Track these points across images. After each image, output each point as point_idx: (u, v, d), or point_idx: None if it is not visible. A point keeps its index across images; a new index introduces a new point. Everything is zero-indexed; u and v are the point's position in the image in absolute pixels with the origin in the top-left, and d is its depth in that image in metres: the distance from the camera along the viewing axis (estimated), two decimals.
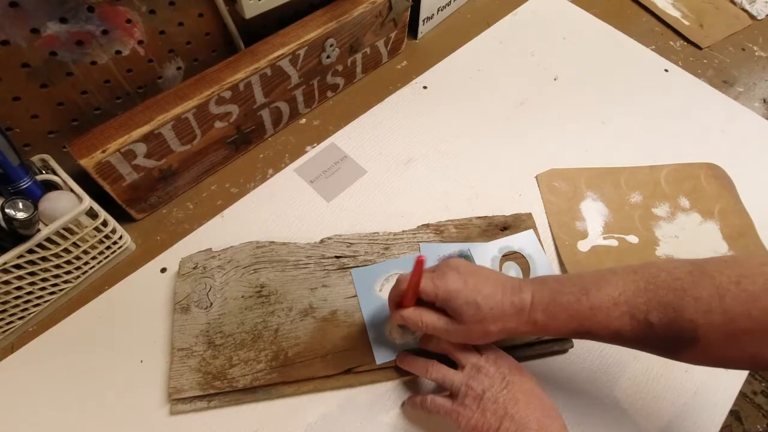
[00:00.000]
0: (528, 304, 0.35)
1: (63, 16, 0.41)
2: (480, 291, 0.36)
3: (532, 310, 0.35)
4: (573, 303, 0.34)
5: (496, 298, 0.35)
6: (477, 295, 0.35)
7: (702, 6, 0.80)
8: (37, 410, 0.42)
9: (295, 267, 0.48)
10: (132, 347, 0.45)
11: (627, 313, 0.32)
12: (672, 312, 0.31)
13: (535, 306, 0.35)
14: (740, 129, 0.64)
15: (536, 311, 0.35)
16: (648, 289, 0.32)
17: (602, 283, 0.34)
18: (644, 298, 0.32)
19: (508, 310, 0.35)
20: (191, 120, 0.48)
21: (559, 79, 0.68)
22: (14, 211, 0.36)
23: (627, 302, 0.33)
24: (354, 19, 0.56)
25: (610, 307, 0.33)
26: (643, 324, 0.32)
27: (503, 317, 0.35)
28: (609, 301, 0.33)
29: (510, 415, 0.34)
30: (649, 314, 0.32)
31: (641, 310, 0.32)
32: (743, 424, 1.10)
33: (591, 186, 0.57)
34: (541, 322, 0.35)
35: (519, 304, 0.35)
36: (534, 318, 0.35)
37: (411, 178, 0.57)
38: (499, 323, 0.35)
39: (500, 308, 0.35)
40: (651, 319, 0.32)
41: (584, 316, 0.34)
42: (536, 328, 0.35)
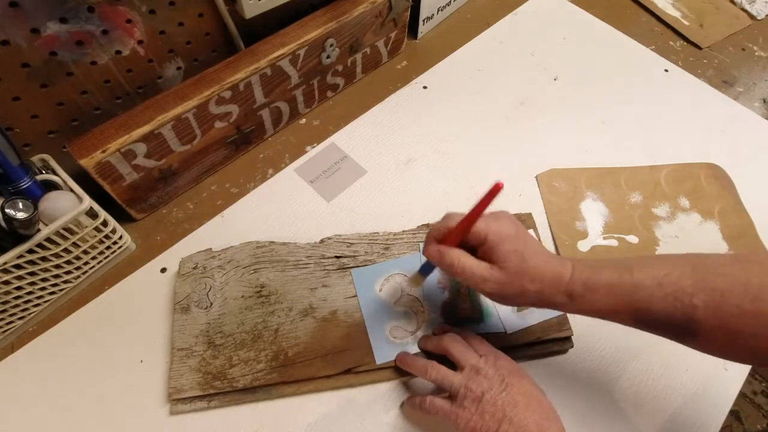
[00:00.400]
0: (568, 274, 0.34)
1: (63, 16, 0.41)
2: (527, 245, 0.35)
3: (571, 281, 0.34)
4: (615, 278, 0.33)
5: (541, 258, 0.35)
6: (525, 248, 0.35)
7: (702, 6, 0.80)
8: (37, 410, 0.42)
9: (295, 267, 0.48)
10: (132, 347, 0.45)
11: (671, 294, 0.31)
12: (719, 296, 0.30)
13: (575, 277, 0.34)
14: (740, 129, 0.64)
15: (575, 282, 0.34)
16: (695, 273, 0.31)
17: (646, 263, 0.33)
18: (690, 281, 0.31)
19: (549, 274, 0.34)
20: (191, 120, 0.48)
21: (559, 79, 0.68)
22: (14, 211, 0.36)
23: (672, 283, 0.31)
24: (354, 19, 0.56)
25: (654, 287, 0.32)
26: (687, 307, 0.31)
27: (543, 279, 0.34)
28: (653, 280, 0.32)
29: (509, 417, 0.34)
30: (695, 297, 0.30)
31: (686, 292, 0.31)
32: (743, 424, 1.10)
33: (591, 186, 0.57)
34: (578, 293, 0.34)
35: (560, 271, 0.34)
36: (571, 289, 0.34)
37: (411, 178, 0.57)
38: (538, 284, 0.34)
39: (543, 269, 0.34)
40: (696, 301, 0.30)
41: (624, 292, 0.33)
42: (572, 300, 0.34)
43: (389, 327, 0.45)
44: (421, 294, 0.47)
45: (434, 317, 0.46)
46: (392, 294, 0.47)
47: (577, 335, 0.46)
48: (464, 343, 0.40)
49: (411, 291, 0.45)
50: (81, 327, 0.46)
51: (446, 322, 0.46)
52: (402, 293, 0.47)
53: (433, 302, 0.47)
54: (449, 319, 0.46)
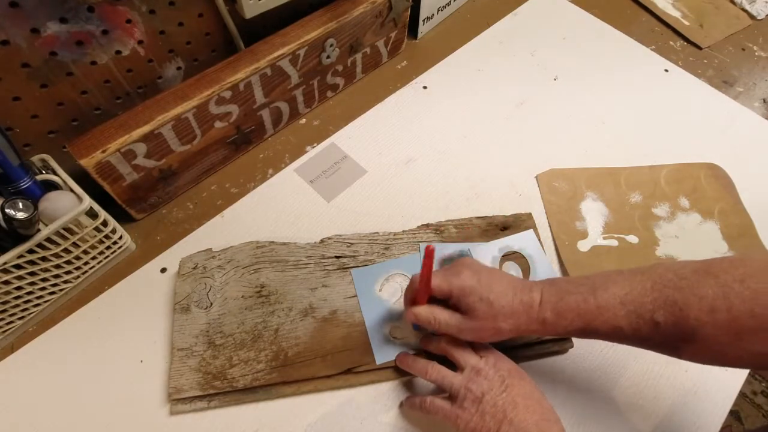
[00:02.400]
0: (537, 302, 0.36)
1: (63, 16, 0.41)
2: (492, 289, 0.37)
3: (541, 309, 0.36)
4: (580, 302, 0.35)
5: (507, 296, 0.37)
6: (490, 293, 0.37)
7: (702, 6, 0.80)
8: (37, 410, 0.42)
9: (295, 267, 0.48)
10: (132, 347, 0.45)
11: (633, 312, 0.33)
12: (678, 311, 0.31)
13: (544, 305, 0.36)
14: (740, 129, 0.64)
15: (545, 310, 0.36)
16: (654, 289, 0.33)
17: (609, 283, 0.35)
18: (650, 297, 0.32)
19: (518, 308, 0.36)
20: (191, 120, 0.48)
21: (559, 79, 0.68)
22: (14, 211, 0.36)
23: (633, 301, 0.33)
24: (354, 19, 0.56)
25: (617, 306, 0.33)
26: (650, 323, 0.32)
27: (514, 315, 0.36)
28: (616, 300, 0.34)
29: (509, 418, 0.34)
30: (655, 313, 0.32)
31: (647, 309, 0.32)
32: (743, 424, 1.10)
33: (591, 186, 0.57)
34: (549, 320, 0.36)
35: (529, 302, 0.36)
36: (543, 316, 0.36)
37: (411, 178, 0.57)
38: (511, 321, 0.36)
39: (511, 306, 0.36)
40: (657, 318, 0.32)
41: (591, 315, 0.34)
42: (545, 326, 0.36)
43: (389, 327, 0.45)
44: None
45: None
46: (392, 294, 0.47)
47: None
48: (465, 344, 0.40)
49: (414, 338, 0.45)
50: (81, 327, 0.46)
51: None
52: (402, 293, 0.47)
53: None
54: None
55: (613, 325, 0.34)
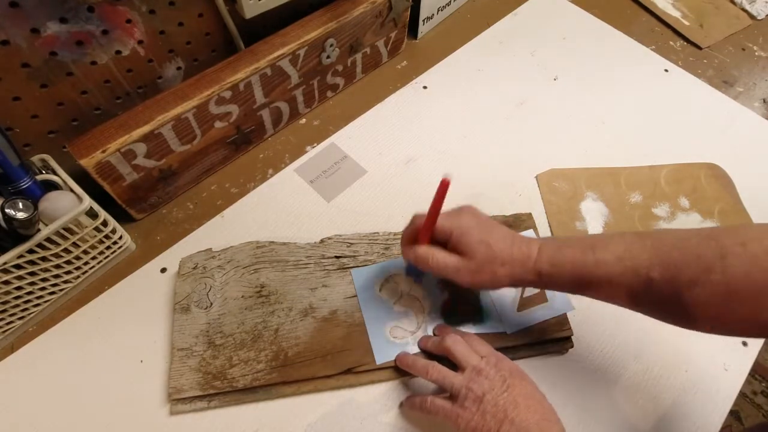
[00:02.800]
0: (535, 254, 0.37)
1: (63, 16, 0.41)
2: (492, 233, 0.38)
3: (538, 260, 0.37)
4: (578, 255, 0.35)
5: (506, 242, 0.37)
6: (489, 236, 0.37)
7: (702, 6, 0.80)
8: (37, 410, 0.42)
9: (295, 267, 0.48)
10: (132, 347, 0.45)
11: (630, 268, 0.33)
12: (673, 268, 0.31)
13: (542, 256, 0.37)
14: (740, 129, 0.64)
15: (542, 261, 0.36)
16: (653, 247, 0.33)
17: (609, 241, 0.35)
18: (648, 255, 0.33)
19: (516, 256, 0.37)
20: (191, 120, 0.48)
21: (559, 79, 0.68)
22: (14, 211, 0.36)
23: (631, 258, 0.33)
24: (354, 19, 0.56)
25: (614, 262, 0.34)
26: (644, 279, 0.32)
27: (511, 262, 0.37)
28: (613, 256, 0.34)
29: (510, 418, 0.34)
30: (651, 270, 0.32)
31: (644, 266, 0.32)
32: (743, 424, 1.10)
33: (591, 186, 0.57)
34: (545, 271, 0.36)
35: (527, 252, 0.37)
36: (539, 267, 0.36)
37: (411, 178, 0.57)
38: (508, 267, 0.37)
39: (509, 252, 0.37)
40: (652, 274, 0.32)
41: (588, 269, 0.35)
42: (541, 277, 0.37)
43: (389, 327, 0.45)
44: (421, 294, 0.47)
45: (434, 317, 0.46)
46: (392, 294, 0.47)
47: (577, 335, 0.46)
48: (465, 344, 0.40)
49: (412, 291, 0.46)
50: (81, 327, 0.46)
51: (446, 322, 0.46)
52: (402, 293, 0.47)
53: (433, 302, 0.47)
54: (449, 319, 0.46)
55: (608, 280, 0.34)
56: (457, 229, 0.38)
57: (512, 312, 0.46)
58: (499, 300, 0.47)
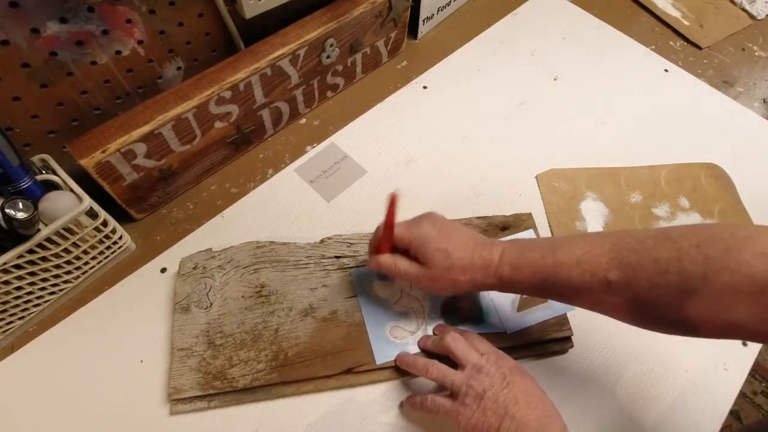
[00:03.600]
0: (496, 258, 0.38)
1: (63, 16, 0.41)
2: (451, 241, 0.38)
3: (499, 264, 0.37)
4: (538, 259, 0.36)
5: (466, 250, 0.38)
6: (448, 244, 0.38)
7: (702, 6, 0.80)
8: (37, 410, 0.42)
9: (295, 267, 0.48)
10: (132, 347, 0.45)
11: (588, 270, 0.33)
12: (631, 271, 0.32)
13: (503, 260, 0.37)
14: (740, 129, 0.64)
15: (503, 265, 0.37)
16: (612, 250, 0.33)
17: (570, 244, 0.35)
18: (606, 258, 0.33)
19: (477, 262, 0.38)
20: (191, 120, 0.48)
21: (559, 79, 0.68)
22: (14, 211, 0.36)
23: (589, 261, 0.34)
24: (354, 19, 0.56)
25: (573, 265, 0.34)
26: (603, 281, 0.33)
27: (471, 269, 0.38)
28: (573, 258, 0.34)
29: (510, 414, 0.34)
30: (609, 273, 0.32)
31: (602, 268, 0.33)
32: (743, 424, 1.10)
33: (591, 186, 0.57)
34: (506, 276, 0.37)
35: (487, 258, 0.38)
36: (500, 272, 0.37)
37: (411, 178, 0.57)
38: (468, 274, 0.38)
39: (469, 259, 0.38)
40: (610, 276, 0.32)
41: (548, 272, 0.35)
42: (502, 281, 0.37)
43: (389, 327, 0.45)
44: (421, 294, 0.47)
45: (434, 317, 0.46)
46: (392, 294, 0.47)
47: (577, 335, 0.46)
48: (465, 343, 0.40)
49: (382, 296, 0.47)
50: (81, 327, 0.46)
51: (446, 322, 0.46)
52: (402, 293, 0.47)
53: (433, 302, 0.47)
54: (449, 319, 0.46)
55: (566, 284, 0.34)
56: (416, 239, 0.39)
57: (512, 312, 0.46)
58: (499, 300, 0.47)
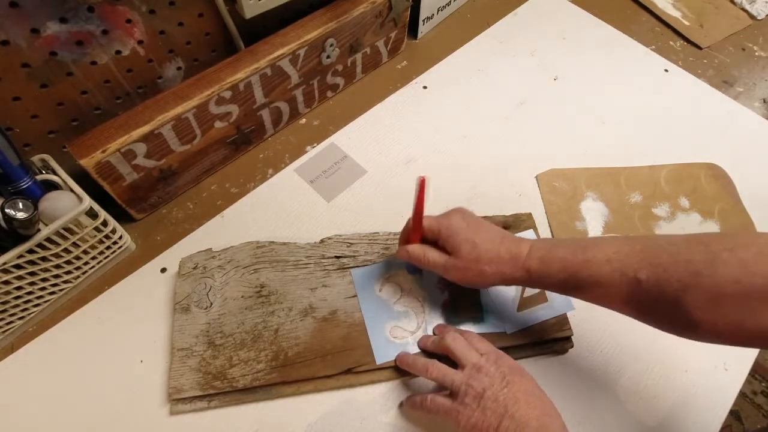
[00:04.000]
0: (524, 253, 0.38)
1: (63, 16, 0.41)
2: (479, 233, 0.39)
3: (528, 258, 0.38)
4: (568, 255, 0.36)
5: (494, 242, 0.39)
6: (476, 236, 0.39)
7: (702, 6, 0.80)
8: (37, 410, 0.42)
9: (295, 267, 0.48)
10: (132, 347, 0.45)
11: (618, 269, 0.33)
12: (662, 271, 0.32)
13: (532, 254, 0.38)
14: (740, 129, 0.64)
15: (532, 259, 0.37)
16: (643, 250, 0.33)
17: (600, 243, 0.36)
18: (637, 258, 0.33)
19: (504, 256, 0.38)
20: (191, 120, 0.48)
21: (559, 79, 0.68)
22: (14, 211, 0.36)
23: (620, 260, 0.34)
24: (354, 19, 0.56)
25: (603, 263, 0.34)
26: (632, 280, 0.33)
27: (499, 261, 0.38)
28: (603, 257, 0.34)
29: (510, 413, 0.34)
30: (639, 272, 0.32)
31: (632, 268, 0.33)
32: (743, 424, 1.10)
33: (591, 186, 0.57)
34: (535, 269, 0.37)
35: (515, 252, 0.38)
36: (528, 265, 0.37)
37: (411, 178, 0.57)
38: (494, 266, 0.38)
39: (496, 252, 0.38)
40: (640, 276, 0.32)
41: (576, 268, 0.35)
42: (530, 275, 0.38)
43: (389, 327, 0.45)
44: (421, 294, 0.47)
45: (434, 317, 0.46)
46: (392, 294, 0.47)
47: (577, 335, 0.46)
48: (465, 342, 0.40)
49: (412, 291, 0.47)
50: (81, 327, 0.46)
51: (446, 322, 0.46)
52: (402, 293, 0.47)
53: (433, 302, 0.47)
54: (449, 319, 0.46)
55: (596, 281, 0.34)
56: (445, 229, 0.40)
57: (512, 312, 0.46)
58: (499, 300, 0.47)
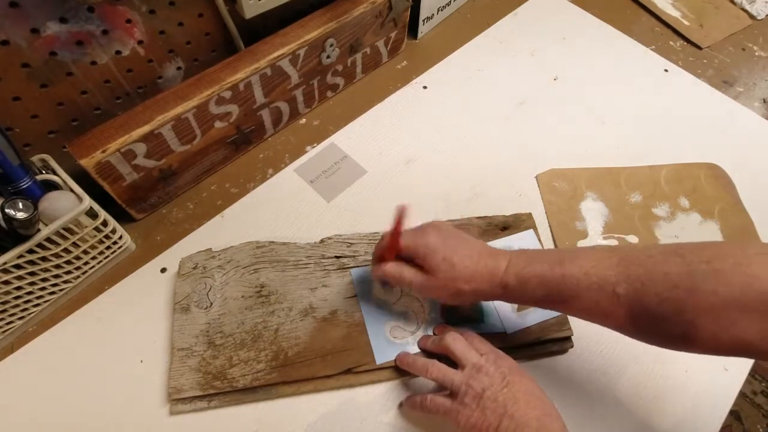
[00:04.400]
0: (502, 269, 0.37)
1: (63, 16, 0.41)
2: (456, 251, 0.38)
3: (505, 275, 0.37)
4: (546, 270, 0.35)
5: (471, 259, 0.38)
6: (453, 255, 0.38)
7: (702, 6, 0.80)
8: (37, 410, 0.42)
9: (295, 267, 0.48)
10: (132, 347, 0.45)
11: (596, 283, 0.33)
12: (639, 285, 0.31)
13: (509, 271, 0.37)
14: (740, 129, 0.64)
15: (509, 275, 0.37)
16: (620, 264, 0.33)
17: (578, 256, 0.35)
18: (615, 271, 0.33)
19: (482, 272, 0.37)
20: (191, 120, 0.48)
21: (559, 79, 0.68)
22: (14, 211, 0.36)
23: (597, 274, 0.33)
24: (354, 19, 0.56)
25: (581, 277, 0.34)
26: (610, 295, 0.32)
27: (476, 278, 0.37)
28: (581, 271, 0.34)
29: (510, 413, 0.34)
30: (617, 286, 0.32)
31: (610, 282, 0.33)
32: (743, 424, 1.10)
33: (591, 186, 0.57)
34: (512, 286, 0.37)
35: (493, 268, 0.37)
36: (505, 281, 0.37)
37: (411, 178, 0.57)
38: (472, 284, 0.37)
39: (474, 269, 0.37)
40: (618, 290, 0.32)
41: (554, 283, 0.35)
42: (507, 292, 0.37)
43: (389, 327, 0.45)
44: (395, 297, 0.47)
45: (434, 317, 0.46)
46: (392, 294, 0.47)
47: (577, 335, 0.46)
48: (465, 342, 0.40)
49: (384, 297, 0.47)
50: (81, 327, 0.46)
51: (446, 322, 0.46)
52: (402, 293, 0.47)
53: (433, 302, 0.47)
54: (449, 319, 0.46)
55: (575, 294, 0.34)
56: (422, 248, 0.39)
57: (512, 312, 0.46)
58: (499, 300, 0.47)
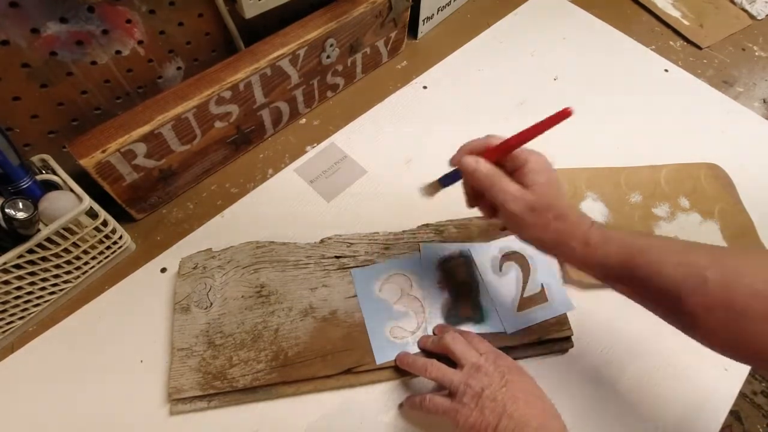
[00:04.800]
0: (589, 223, 0.35)
1: (63, 16, 0.41)
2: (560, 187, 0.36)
3: (590, 229, 0.35)
4: (627, 236, 0.34)
5: (566, 200, 0.36)
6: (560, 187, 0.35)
7: (702, 6, 0.80)
8: (37, 410, 0.42)
9: (295, 267, 0.48)
10: (132, 347, 0.45)
11: (685, 263, 0.31)
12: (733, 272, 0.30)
13: (594, 228, 0.35)
14: (740, 129, 0.64)
15: (594, 231, 0.35)
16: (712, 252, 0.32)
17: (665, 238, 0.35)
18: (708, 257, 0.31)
19: (573, 217, 0.35)
20: (191, 120, 0.48)
21: (559, 79, 0.68)
22: (14, 211, 0.36)
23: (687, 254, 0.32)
24: (354, 19, 0.56)
25: (668, 253, 0.32)
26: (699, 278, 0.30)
27: (567, 219, 0.35)
28: (668, 248, 0.33)
29: (509, 413, 0.35)
30: (708, 270, 0.30)
31: (701, 265, 0.31)
32: (743, 424, 1.10)
33: (591, 186, 0.57)
34: (593, 242, 0.34)
35: (581, 219, 0.35)
36: (589, 236, 0.34)
37: (411, 178, 0.57)
38: (561, 222, 0.35)
39: (568, 210, 0.35)
40: (708, 274, 0.30)
41: (636, 250, 0.33)
42: (587, 248, 0.34)
43: (389, 327, 0.45)
44: (421, 294, 0.47)
45: (434, 317, 0.46)
46: (392, 294, 0.47)
47: (577, 335, 0.46)
48: (465, 342, 0.40)
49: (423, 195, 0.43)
50: (81, 327, 0.46)
51: (446, 322, 0.46)
52: (402, 293, 0.47)
53: (433, 302, 0.47)
54: (449, 319, 0.46)
55: (657, 270, 0.32)
56: (534, 162, 0.35)
57: (512, 312, 0.46)
58: (498, 300, 0.47)
